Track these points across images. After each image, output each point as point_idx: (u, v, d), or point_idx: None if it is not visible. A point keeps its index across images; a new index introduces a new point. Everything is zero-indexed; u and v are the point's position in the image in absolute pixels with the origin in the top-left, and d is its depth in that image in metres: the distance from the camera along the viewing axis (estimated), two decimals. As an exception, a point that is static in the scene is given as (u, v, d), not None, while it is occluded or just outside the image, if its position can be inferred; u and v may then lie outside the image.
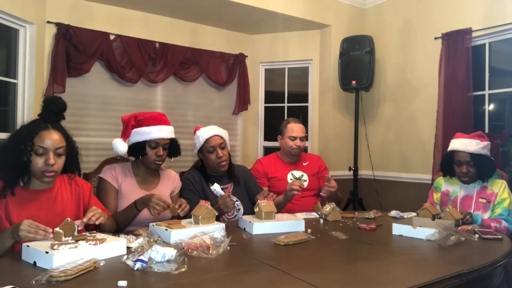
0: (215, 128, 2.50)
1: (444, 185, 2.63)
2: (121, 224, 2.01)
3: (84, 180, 1.96)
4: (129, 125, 2.13)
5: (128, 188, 2.17)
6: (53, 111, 1.70)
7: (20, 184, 1.67)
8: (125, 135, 2.15)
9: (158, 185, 2.27)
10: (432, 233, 1.83)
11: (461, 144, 2.45)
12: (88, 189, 1.91)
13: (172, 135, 2.21)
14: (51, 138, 1.66)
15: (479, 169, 2.43)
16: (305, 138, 2.97)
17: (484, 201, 2.43)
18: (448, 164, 2.54)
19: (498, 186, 2.43)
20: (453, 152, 2.48)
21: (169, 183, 2.31)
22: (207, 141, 2.45)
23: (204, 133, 2.46)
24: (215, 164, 2.45)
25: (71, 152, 1.77)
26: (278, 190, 2.82)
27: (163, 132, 2.14)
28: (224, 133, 2.52)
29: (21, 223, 1.46)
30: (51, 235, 1.47)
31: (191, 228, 1.77)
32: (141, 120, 2.14)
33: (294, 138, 2.90)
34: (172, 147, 2.25)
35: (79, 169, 1.85)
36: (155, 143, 2.14)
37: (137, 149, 2.14)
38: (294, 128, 2.93)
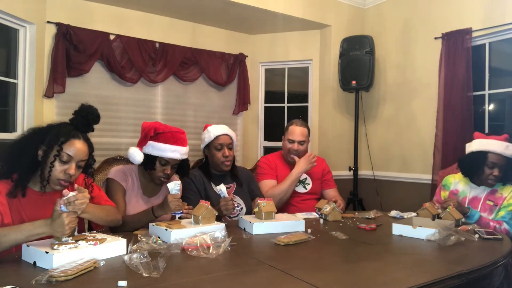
0: (226, 128, 2.54)
1: (454, 184, 2.61)
2: (132, 226, 1.99)
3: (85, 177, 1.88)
4: (147, 135, 2.13)
5: (131, 191, 2.18)
6: (88, 121, 1.66)
7: (29, 185, 1.62)
8: (141, 144, 2.15)
9: (160, 191, 2.28)
10: (432, 233, 1.83)
11: (499, 147, 2.38)
12: (89, 182, 1.85)
13: (185, 156, 2.20)
14: (79, 149, 1.62)
15: (507, 174, 2.41)
16: (305, 142, 2.89)
17: (491, 203, 2.41)
18: (476, 164, 2.43)
19: (508, 191, 2.41)
20: (487, 153, 2.40)
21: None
22: (216, 138, 2.47)
23: (215, 130, 2.50)
24: (219, 162, 2.47)
25: (88, 165, 1.74)
26: None
27: (176, 153, 2.13)
28: (233, 134, 2.56)
29: (60, 218, 1.39)
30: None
31: (191, 228, 1.77)
32: (159, 134, 2.13)
33: (292, 142, 2.86)
34: (181, 166, 2.25)
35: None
36: (165, 161, 2.13)
37: (147, 162, 2.14)
38: (294, 131, 2.87)
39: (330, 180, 3.00)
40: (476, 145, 2.47)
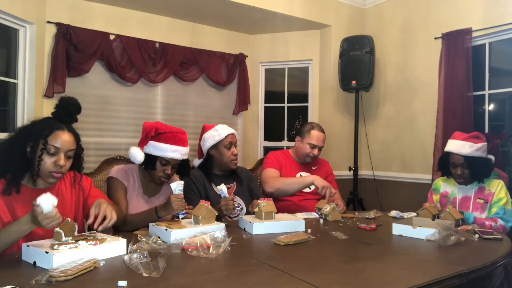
0: (230, 128, 2.55)
1: (443, 186, 2.64)
2: (134, 225, 2.00)
3: (84, 175, 1.91)
4: (148, 135, 2.13)
5: (131, 191, 2.18)
6: (70, 112, 1.68)
7: (23, 182, 1.65)
8: (142, 144, 2.15)
9: (161, 191, 2.28)
10: (432, 233, 1.83)
11: (455, 146, 2.45)
12: (88, 183, 1.89)
13: (186, 157, 2.20)
14: (65, 139, 1.64)
15: (474, 171, 2.43)
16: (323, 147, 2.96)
17: (481, 201, 2.44)
18: (444, 165, 2.55)
19: (495, 186, 2.44)
20: (448, 153, 2.49)
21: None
22: (226, 137, 2.48)
23: (224, 129, 2.51)
24: (228, 161, 2.48)
25: (78, 156, 1.76)
26: None
27: (177, 153, 2.13)
28: (236, 134, 2.60)
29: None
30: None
31: (191, 228, 1.77)
32: (160, 134, 2.13)
33: (314, 147, 2.89)
34: (182, 167, 2.25)
35: (80, 171, 1.84)
36: (166, 161, 2.13)
37: (148, 161, 2.14)
38: (317, 136, 2.90)
39: (332, 182, 3.01)
40: (446, 145, 2.54)
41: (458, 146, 2.44)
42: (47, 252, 1.34)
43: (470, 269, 1.44)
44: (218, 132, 2.49)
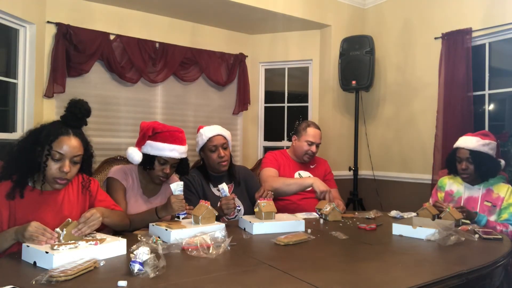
0: (219, 128, 2.51)
1: (448, 184, 2.63)
2: (135, 226, 1.99)
3: (92, 178, 1.90)
4: (145, 135, 2.13)
5: (130, 191, 2.18)
6: (77, 116, 1.66)
7: (29, 185, 1.64)
8: (140, 144, 2.15)
9: (160, 191, 2.27)
10: (432, 233, 1.83)
11: (463, 141, 2.48)
12: (96, 186, 1.89)
13: (184, 155, 2.19)
14: (70, 145, 1.62)
15: (478, 167, 2.42)
16: (320, 144, 2.98)
17: (489, 204, 2.41)
18: (451, 161, 2.56)
19: (505, 191, 2.41)
20: (456, 149, 2.51)
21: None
22: (209, 140, 2.46)
23: (208, 131, 2.47)
24: (215, 164, 2.46)
25: (87, 160, 1.74)
26: None
27: (175, 152, 2.12)
28: (227, 133, 2.53)
29: (29, 224, 1.44)
30: (54, 241, 1.44)
31: (191, 228, 1.77)
32: (157, 134, 2.12)
33: (311, 144, 2.91)
34: (181, 165, 2.24)
35: (90, 175, 1.83)
36: (164, 161, 2.13)
37: (146, 161, 2.13)
38: (314, 133, 2.92)
39: (331, 180, 3.02)
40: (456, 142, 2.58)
41: (465, 140, 2.47)
42: (47, 252, 1.34)
43: (470, 269, 1.44)
44: (202, 136, 2.48)
